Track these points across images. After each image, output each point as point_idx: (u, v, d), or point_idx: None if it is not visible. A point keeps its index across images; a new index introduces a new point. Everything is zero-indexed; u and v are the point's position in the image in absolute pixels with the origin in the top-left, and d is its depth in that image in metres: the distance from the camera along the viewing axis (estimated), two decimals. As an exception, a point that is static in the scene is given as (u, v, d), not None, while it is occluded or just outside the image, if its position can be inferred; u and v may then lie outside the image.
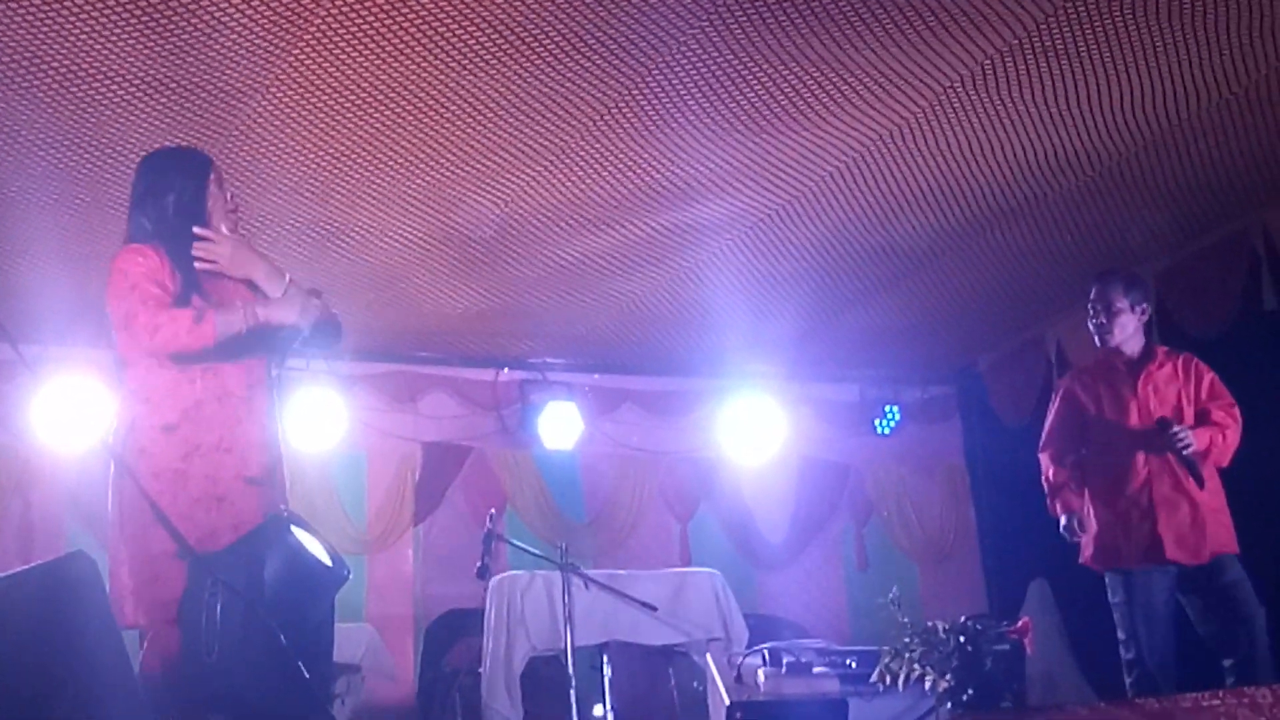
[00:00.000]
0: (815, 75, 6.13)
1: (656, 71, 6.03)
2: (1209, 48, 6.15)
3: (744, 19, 5.67)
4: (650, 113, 6.38)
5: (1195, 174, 7.28)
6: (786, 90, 6.24)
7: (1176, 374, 6.07)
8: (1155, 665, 5.66)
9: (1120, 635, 5.78)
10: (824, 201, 7.40)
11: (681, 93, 6.22)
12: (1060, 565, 9.14)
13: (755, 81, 6.15)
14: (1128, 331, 6.11)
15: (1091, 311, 6.17)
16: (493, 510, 7.71)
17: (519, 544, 7.73)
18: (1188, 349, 6.32)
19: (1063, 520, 6.16)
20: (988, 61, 6.15)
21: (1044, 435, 6.33)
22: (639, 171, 6.93)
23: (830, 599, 10.17)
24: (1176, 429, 5.77)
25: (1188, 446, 5.76)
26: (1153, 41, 6.07)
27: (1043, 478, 6.28)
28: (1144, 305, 6.16)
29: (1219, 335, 7.73)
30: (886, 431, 10.47)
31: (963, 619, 5.45)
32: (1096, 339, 6.18)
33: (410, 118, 6.28)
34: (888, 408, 10.49)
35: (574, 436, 9.62)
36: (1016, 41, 6.00)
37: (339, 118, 6.24)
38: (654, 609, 7.21)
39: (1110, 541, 5.92)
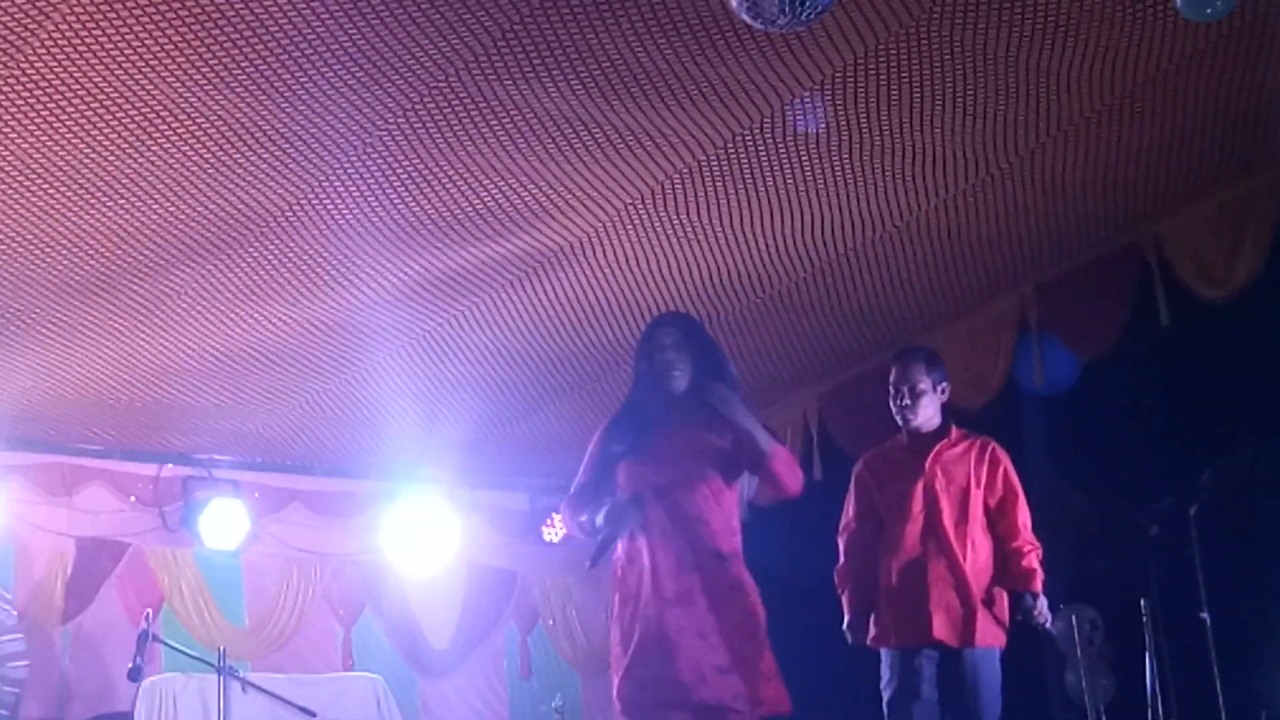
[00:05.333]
0: (501, 184, 6.19)
1: (341, 171, 5.99)
2: (874, 182, 6.45)
3: (432, 124, 5.70)
4: (332, 212, 6.32)
5: (861, 300, 7.60)
6: (472, 198, 6.27)
7: (969, 455, 6.09)
8: None
9: None
10: (500, 310, 7.44)
11: (366, 194, 6.19)
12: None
13: (441, 187, 6.16)
14: (929, 412, 6.11)
15: (894, 392, 6.12)
16: (149, 609, 7.46)
17: (175, 645, 7.48)
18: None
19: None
20: (669, 181, 6.31)
21: (841, 522, 6.35)
22: (315, 270, 6.85)
23: (493, 706, 10.12)
24: (1034, 611, 5.89)
25: (1046, 621, 5.94)
26: (824, 173, 6.34)
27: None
28: (945, 384, 6.16)
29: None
30: (555, 539, 10.50)
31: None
32: (899, 420, 6.14)
33: (76, 201, 6.05)
34: (556, 516, 10.51)
35: (238, 536, 9.36)
36: (696, 164, 6.18)
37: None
38: (313, 715, 7.07)
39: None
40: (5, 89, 5.22)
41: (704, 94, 5.65)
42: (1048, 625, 6.02)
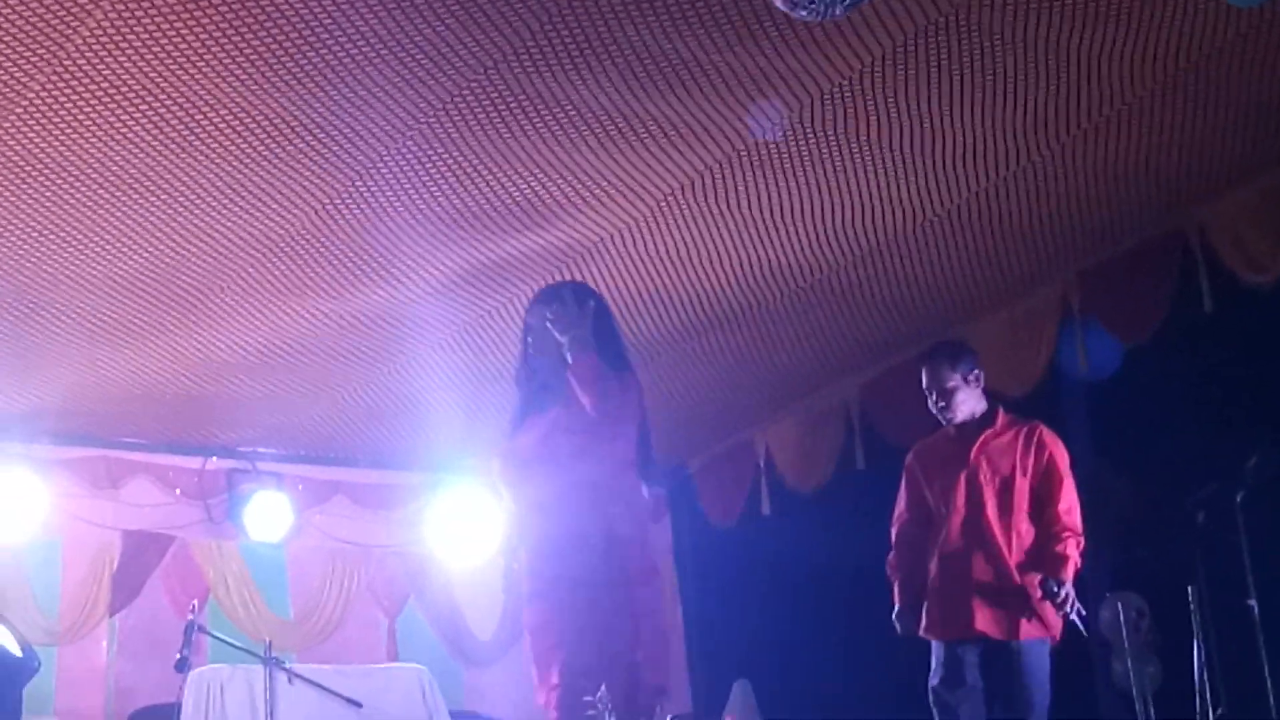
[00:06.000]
0: (540, 177, 6.21)
1: (382, 165, 6.02)
2: (914, 170, 6.43)
3: (471, 117, 5.71)
4: (373, 206, 6.35)
5: (902, 289, 7.58)
6: (511, 190, 6.29)
7: (1016, 443, 6.07)
8: None
9: None
10: (541, 302, 7.45)
11: (406, 188, 6.21)
12: (762, 666, 9.37)
13: (481, 180, 6.19)
14: (968, 405, 6.13)
15: (928, 395, 6.15)
16: (195, 601, 7.50)
17: (221, 636, 7.53)
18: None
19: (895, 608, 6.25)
20: (707, 171, 6.31)
21: (894, 513, 6.36)
22: (357, 264, 6.89)
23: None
24: (1057, 599, 5.82)
25: (1074, 608, 5.86)
26: (864, 161, 6.32)
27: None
28: (976, 372, 6.15)
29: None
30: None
31: (668, 717, 5.48)
32: (940, 420, 6.17)
33: (118, 198, 6.11)
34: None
35: (283, 528, 9.42)
36: (735, 153, 6.17)
37: (41, 195, 6.03)
38: (359, 705, 7.09)
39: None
40: (48, 86, 5.26)
41: (742, 84, 5.64)
42: (1073, 615, 5.92)
